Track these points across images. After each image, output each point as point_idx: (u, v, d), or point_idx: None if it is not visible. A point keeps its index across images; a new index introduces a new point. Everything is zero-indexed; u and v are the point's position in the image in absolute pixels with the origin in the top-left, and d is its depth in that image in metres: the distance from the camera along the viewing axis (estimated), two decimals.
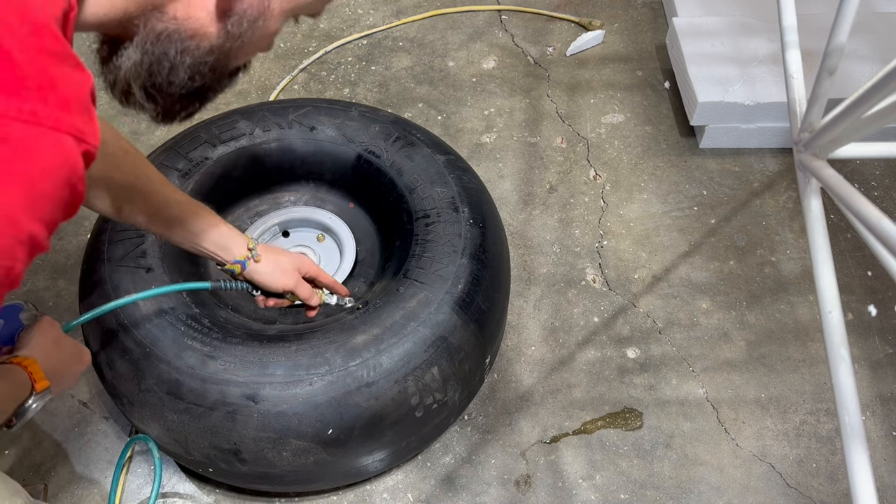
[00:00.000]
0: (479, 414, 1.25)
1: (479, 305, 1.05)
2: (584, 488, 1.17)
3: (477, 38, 1.86)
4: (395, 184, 1.17)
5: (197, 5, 0.57)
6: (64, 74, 0.47)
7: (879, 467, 1.19)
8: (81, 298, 1.06)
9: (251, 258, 0.96)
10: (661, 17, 1.92)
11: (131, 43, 0.58)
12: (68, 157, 0.47)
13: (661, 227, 1.50)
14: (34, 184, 0.45)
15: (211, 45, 0.59)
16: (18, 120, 0.44)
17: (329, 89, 1.74)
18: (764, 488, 1.17)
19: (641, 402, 1.26)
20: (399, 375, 0.97)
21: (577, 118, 1.69)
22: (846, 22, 0.85)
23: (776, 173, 1.59)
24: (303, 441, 0.95)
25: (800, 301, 1.39)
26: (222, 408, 0.94)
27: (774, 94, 1.54)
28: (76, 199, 0.50)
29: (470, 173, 1.20)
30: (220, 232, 0.93)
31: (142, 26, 0.57)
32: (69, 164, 0.47)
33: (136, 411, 1.00)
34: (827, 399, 1.26)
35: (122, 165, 0.85)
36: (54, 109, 0.45)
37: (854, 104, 0.74)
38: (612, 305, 1.38)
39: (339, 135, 1.22)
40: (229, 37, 0.59)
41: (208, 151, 1.18)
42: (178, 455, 1.04)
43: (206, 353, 0.96)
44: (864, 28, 1.61)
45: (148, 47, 0.58)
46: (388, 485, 1.17)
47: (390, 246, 1.19)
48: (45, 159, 0.45)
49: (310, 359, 0.96)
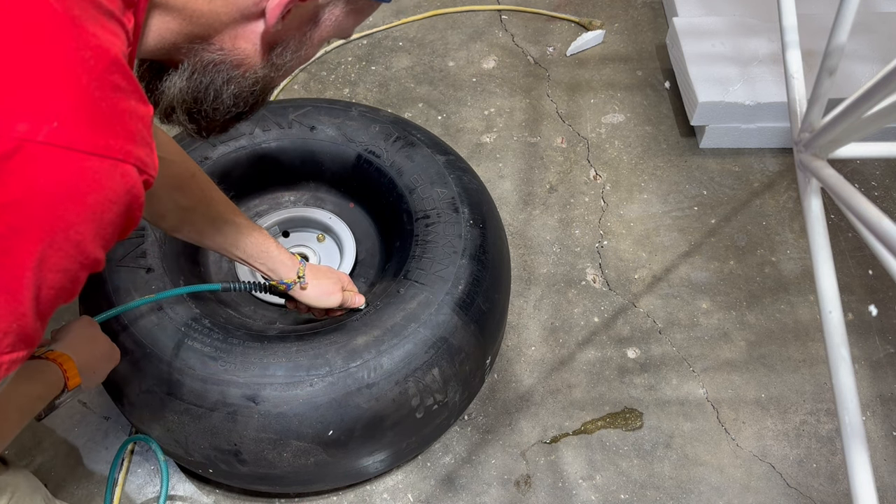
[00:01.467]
0: (479, 414, 1.25)
1: (479, 306, 1.05)
2: (584, 488, 1.17)
3: (477, 37, 1.86)
4: (395, 184, 1.17)
5: (244, 37, 0.59)
6: (131, 108, 0.49)
7: (879, 467, 1.19)
8: (82, 300, 1.06)
9: (298, 284, 0.99)
10: (661, 17, 1.92)
11: (176, 70, 0.60)
12: (132, 186, 0.49)
13: (661, 227, 1.50)
14: (103, 214, 0.48)
15: (256, 76, 0.62)
16: (94, 154, 0.46)
17: (329, 89, 1.74)
18: (764, 488, 1.17)
19: (641, 402, 1.26)
20: (400, 377, 0.97)
21: (577, 118, 1.69)
22: (846, 22, 0.84)
23: (776, 173, 1.59)
24: (303, 442, 0.95)
25: (800, 301, 1.39)
26: (223, 408, 0.94)
27: (774, 94, 1.54)
28: (133, 225, 0.52)
29: (470, 174, 1.20)
30: (270, 257, 0.97)
31: (189, 55, 0.58)
32: (132, 193, 0.49)
33: (137, 412, 1.00)
34: (827, 399, 1.26)
35: (187, 188, 0.87)
36: (123, 143, 0.47)
37: (854, 104, 0.74)
38: (612, 305, 1.38)
39: (339, 135, 1.22)
40: (273, 67, 0.62)
41: (208, 151, 1.18)
42: (179, 456, 1.04)
43: (207, 354, 0.96)
44: (864, 28, 1.61)
45: (195, 76, 0.60)
46: (388, 485, 1.17)
47: (390, 246, 1.19)
48: (113, 190, 0.47)
49: (310, 360, 0.96)
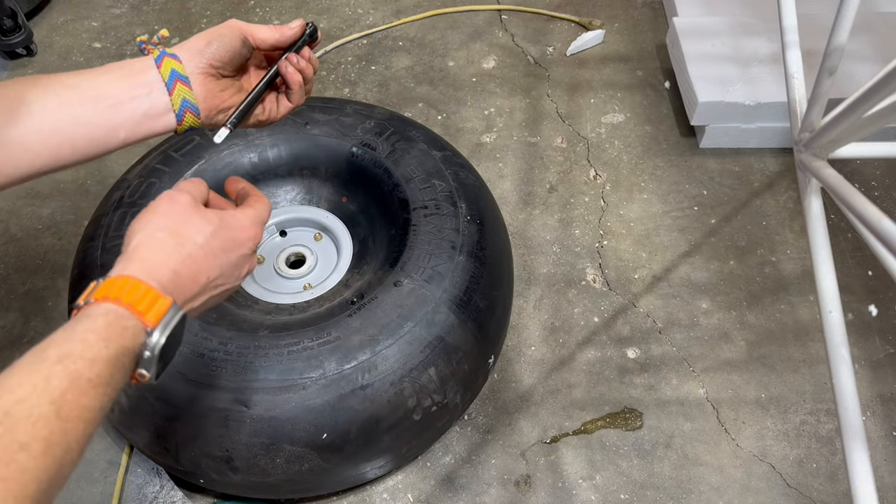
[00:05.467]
0: (479, 414, 1.24)
1: (476, 304, 1.04)
2: (584, 488, 1.17)
3: (477, 37, 1.86)
4: (391, 180, 1.16)
5: None
6: None
7: (879, 467, 1.19)
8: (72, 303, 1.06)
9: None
10: (661, 16, 1.92)
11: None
12: None
13: (661, 226, 1.50)
14: None
15: None
16: None
17: (329, 89, 1.74)
18: (764, 488, 1.17)
19: (641, 402, 1.26)
20: (395, 377, 0.95)
21: (577, 118, 1.69)
22: (846, 22, 0.84)
23: (776, 173, 1.59)
24: (296, 447, 0.93)
25: (800, 301, 1.38)
26: (213, 413, 0.92)
27: (775, 93, 1.53)
28: None
29: (468, 169, 1.20)
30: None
31: None
32: None
33: (126, 418, 0.98)
34: (827, 399, 1.26)
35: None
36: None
37: (854, 104, 0.74)
38: (612, 305, 1.38)
39: (334, 130, 1.22)
40: None
41: (201, 151, 1.19)
42: (169, 465, 1.02)
43: (197, 357, 0.95)
44: (864, 28, 1.61)
45: None
46: (388, 485, 1.17)
47: (386, 243, 1.18)
48: None
49: (303, 361, 0.94)
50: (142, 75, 0.66)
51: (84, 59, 1.82)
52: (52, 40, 1.87)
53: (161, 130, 0.68)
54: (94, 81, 0.64)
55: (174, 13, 1.94)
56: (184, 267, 0.55)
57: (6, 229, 1.50)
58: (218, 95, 0.71)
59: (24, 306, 1.37)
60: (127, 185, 1.15)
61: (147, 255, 0.54)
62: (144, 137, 0.67)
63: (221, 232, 0.60)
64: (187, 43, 0.69)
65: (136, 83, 0.65)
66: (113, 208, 1.12)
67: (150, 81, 0.66)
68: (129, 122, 0.65)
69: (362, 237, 1.23)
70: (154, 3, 1.97)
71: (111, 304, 0.49)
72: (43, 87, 0.62)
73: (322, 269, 1.22)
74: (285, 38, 0.74)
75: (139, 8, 1.96)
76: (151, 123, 0.66)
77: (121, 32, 1.89)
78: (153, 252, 0.55)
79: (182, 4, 1.97)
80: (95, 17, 1.94)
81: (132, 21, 1.92)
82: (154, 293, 0.51)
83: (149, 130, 0.67)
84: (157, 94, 0.66)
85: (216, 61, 0.69)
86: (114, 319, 0.49)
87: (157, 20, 1.92)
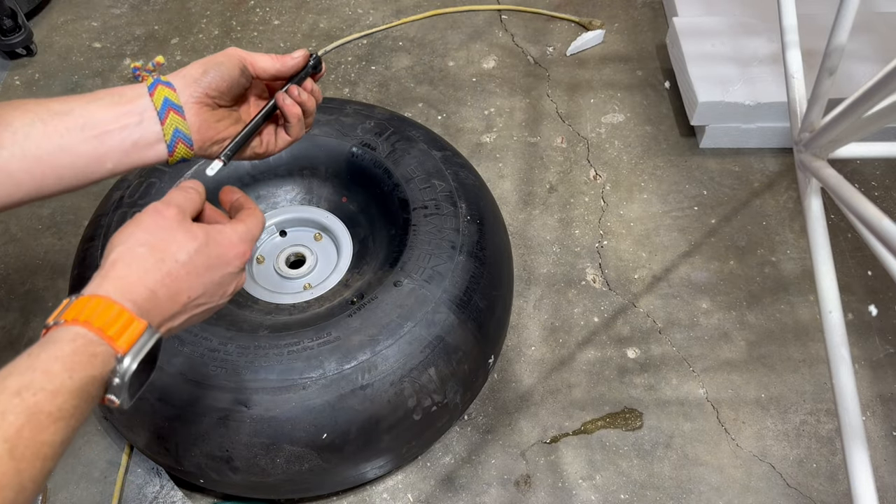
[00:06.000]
0: (479, 414, 1.24)
1: (476, 304, 1.04)
2: (584, 488, 1.17)
3: (477, 37, 1.86)
4: (391, 180, 1.16)
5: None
6: None
7: (879, 467, 1.19)
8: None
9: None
10: (661, 16, 1.92)
11: None
12: None
13: (661, 226, 1.50)
14: None
15: None
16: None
17: (329, 89, 1.74)
18: (764, 488, 1.17)
19: (641, 402, 1.26)
20: (395, 377, 0.95)
21: (577, 118, 1.69)
22: (846, 22, 0.84)
23: (776, 173, 1.59)
24: (296, 447, 0.93)
25: (800, 301, 1.38)
26: (213, 413, 0.92)
27: (774, 93, 1.53)
28: None
29: (468, 169, 1.20)
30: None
31: None
32: None
33: (126, 418, 0.98)
34: (827, 399, 1.26)
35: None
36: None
37: (854, 104, 0.73)
38: (612, 305, 1.38)
39: (334, 130, 1.22)
40: None
41: None
42: (169, 465, 1.02)
43: (197, 358, 0.95)
44: (864, 28, 1.61)
45: None
46: (388, 485, 1.17)
47: (386, 243, 1.18)
48: None
49: (303, 361, 0.94)
50: (133, 103, 0.63)
51: (84, 59, 1.82)
52: (52, 40, 1.87)
53: (151, 161, 0.65)
54: (82, 108, 0.61)
55: (174, 13, 1.94)
56: (162, 286, 0.53)
57: (6, 229, 1.50)
58: (213, 126, 0.68)
59: (24, 306, 1.37)
60: (127, 185, 1.15)
61: (124, 273, 0.52)
62: (133, 167, 0.65)
63: (206, 249, 0.57)
64: (183, 71, 0.66)
65: (127, 111, 0.63)
66: (113, 208, 1.12)
67: (142, 110, 0.63)
68: (116, 151, 0.62)
69: (362, 237, 1.23)
70: (154, 3, 1.97)
71: (80, 328, 0.47)
72: (30, 113, 0.60)
73: (322, 269, 1.22)
74: (287, 68, 0.71)
75: (139, 8, 1.96)
76: (141, 153, 0.64)
77: (121, 32, 1.89)
78: (131, 269, 0.52)
79: (182, 4, 1.97)
80: (95, 17, 1.94)
81: (132, 21, 1.92)
82: (127, 316, 0.49)
83: (138, 160, 0.64)
84: (148, 123, 0.63)
85: (212, 90, 0.66)
86: (82, 346, 0.46)
87: (157, 20, 1.92)
